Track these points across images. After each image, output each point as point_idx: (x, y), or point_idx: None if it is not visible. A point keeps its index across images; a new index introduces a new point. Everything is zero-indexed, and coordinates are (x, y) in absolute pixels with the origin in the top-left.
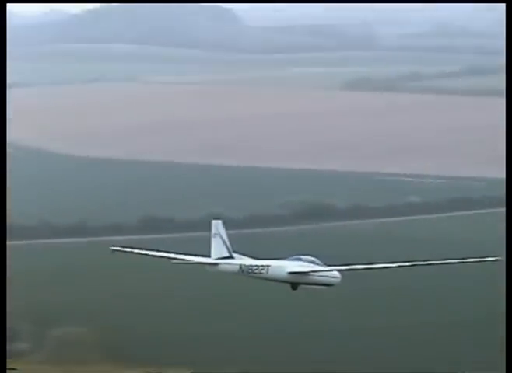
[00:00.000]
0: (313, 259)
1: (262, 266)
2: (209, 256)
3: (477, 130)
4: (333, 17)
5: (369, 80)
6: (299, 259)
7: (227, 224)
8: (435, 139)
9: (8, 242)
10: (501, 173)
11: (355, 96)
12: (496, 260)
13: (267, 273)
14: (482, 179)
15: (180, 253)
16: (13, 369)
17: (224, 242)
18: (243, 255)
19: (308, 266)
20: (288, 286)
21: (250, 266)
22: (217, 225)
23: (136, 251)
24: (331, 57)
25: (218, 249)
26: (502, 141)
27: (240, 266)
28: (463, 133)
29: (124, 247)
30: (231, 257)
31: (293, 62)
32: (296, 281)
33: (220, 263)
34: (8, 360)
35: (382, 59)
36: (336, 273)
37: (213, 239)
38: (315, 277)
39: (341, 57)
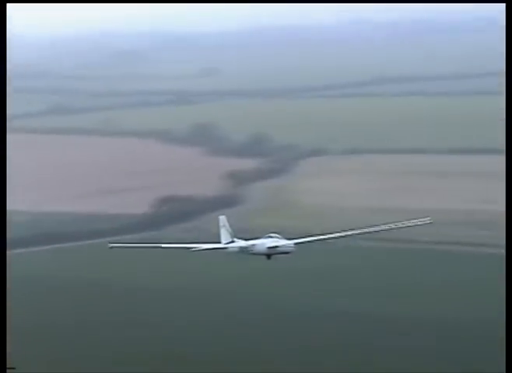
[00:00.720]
0: (278, 235)
1: (251, 244)
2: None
3: (63, 167)
4: None
5: None
6: (271, 237)
7: None
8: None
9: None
10: (90, 207)
11: None
12: (429, 222)
13: (255, 249)
14: (67, 214)
15: (190, 242)
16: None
17: (228, 231)
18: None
19: (278, 241)
20: None
21: (245, 246)
22: (223, 220)
23: (140, 245)
24: None
25: (225, 236)
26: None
27: (239, 247)
28: (49, 170)
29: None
30: (233, 242)
31: None
32: (270, 253)
33: (227, 247)
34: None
35: None
36: (293, 245)
37: (221, 230)
38: (282, 248)
39: None
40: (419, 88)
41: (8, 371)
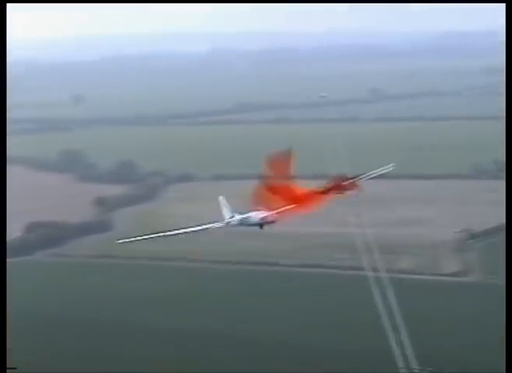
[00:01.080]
0: (262, 208)
1: (247, 217)
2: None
3: None
4: None
5: None
6: (258, 210)
7: None
8: None
9: None
10: None
11: None
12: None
13: (250, 220)
14: None
15: (191, 226)
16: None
17: (228, 209)
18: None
19: (265, 213)
20: None
21: (242, 218)
22: (223, 200)
23: (143, 237)
24: None
25: (227, 213)
26: None
27: (238, 220)
28: None
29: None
30: (233, 217)
31: None
32: (262, 223)
33: (230, 221)
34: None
35: None
36: (274, 215)
37: (223, 208)
38: (268, 219)
39: None
40: (282, 116)
41: (8, 371)
